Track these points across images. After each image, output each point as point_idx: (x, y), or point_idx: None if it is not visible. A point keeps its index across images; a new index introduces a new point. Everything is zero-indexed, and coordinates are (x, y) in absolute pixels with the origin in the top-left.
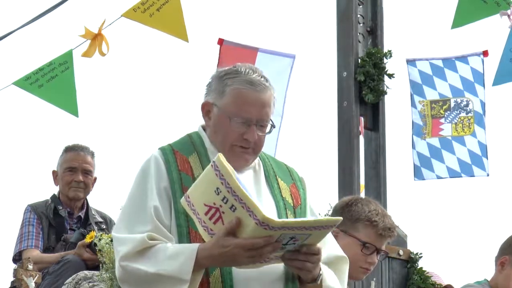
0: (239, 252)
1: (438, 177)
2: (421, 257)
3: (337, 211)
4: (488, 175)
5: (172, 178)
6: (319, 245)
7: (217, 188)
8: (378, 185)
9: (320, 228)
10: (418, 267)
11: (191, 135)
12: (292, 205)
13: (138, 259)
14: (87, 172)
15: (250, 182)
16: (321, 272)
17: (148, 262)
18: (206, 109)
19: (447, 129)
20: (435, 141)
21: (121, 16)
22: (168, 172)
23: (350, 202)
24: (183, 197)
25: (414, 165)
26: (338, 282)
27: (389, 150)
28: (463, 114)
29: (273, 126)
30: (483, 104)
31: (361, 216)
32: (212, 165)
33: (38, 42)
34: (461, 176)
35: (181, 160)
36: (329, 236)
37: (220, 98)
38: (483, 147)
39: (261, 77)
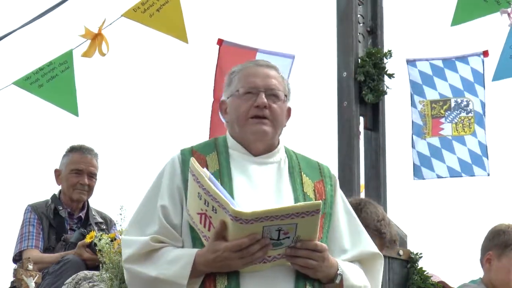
0: (230, 255)
1: (439, 177)
2: (421, 257)
3: None
4: (488, 174)
5: (186, 177)
6: (346, 242)
7: (198, 193)
8: (378, 185)
9: (301, 215)
10: (418, 267)
11: (218, 138)
12: (313, 199)
13: (142, 262)
14: (92, 175)
15: (272, 177)
16: (339, 272)
17: (151, 266)
18: (223, 107)
19: (447, 129)
20: (435, 141)
21: (121, 16)
22: (182, 172)
23: (359, 206)
24: (185, 211)
25: (414, 164)
26: (366, 280)
27: (389, 150)
28: (463, 114)
29: (287, 98)
30: (483, 105)
31: (370, 224)
32: (190, 172)
33: (38, 42)
34: (462, 176)
35: (198, 159)
36: (361, 233)
37: (229, 88)
38: (483, 147)
39: (267, 62)
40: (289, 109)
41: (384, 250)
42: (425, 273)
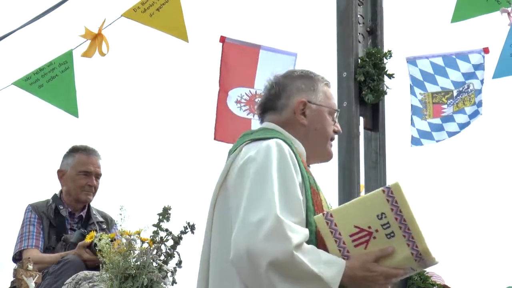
0: (380, 280)
1: (438, 141)
2: None
3: None
4: (481, 114)
5: (304, 174)
6: None
7: (382, 213)
8: (378, 185)
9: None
10: None
11: (278, 136)
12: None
13: (302, 253)
14: (98, 176)
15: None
16: None
17: (310, 261)
18: (301, 107)
19: (449, 110)
20: (436, 120)
21: (121, 16)
22: (301, 168)
23: None
24: (320, 214)
25: (412, 137)
26: None
27: (389, 150)
28: (465, 95)
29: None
30: (482, 81)
31: None
32: (384, 191)
33: (38, 42)
34: (459, 132)
35: (305, 162)
36: None
37: (314, 95)
38: (480, 103)
39: None
40: None
41: None
42: (425, 273)
